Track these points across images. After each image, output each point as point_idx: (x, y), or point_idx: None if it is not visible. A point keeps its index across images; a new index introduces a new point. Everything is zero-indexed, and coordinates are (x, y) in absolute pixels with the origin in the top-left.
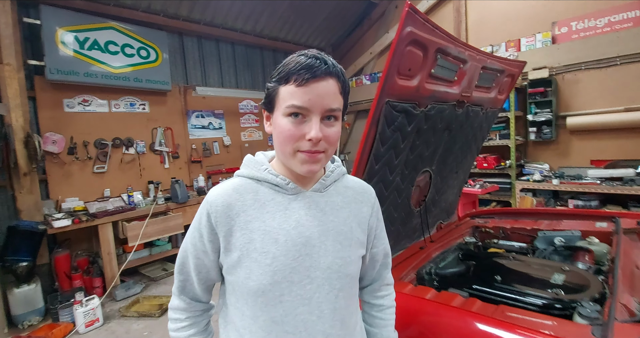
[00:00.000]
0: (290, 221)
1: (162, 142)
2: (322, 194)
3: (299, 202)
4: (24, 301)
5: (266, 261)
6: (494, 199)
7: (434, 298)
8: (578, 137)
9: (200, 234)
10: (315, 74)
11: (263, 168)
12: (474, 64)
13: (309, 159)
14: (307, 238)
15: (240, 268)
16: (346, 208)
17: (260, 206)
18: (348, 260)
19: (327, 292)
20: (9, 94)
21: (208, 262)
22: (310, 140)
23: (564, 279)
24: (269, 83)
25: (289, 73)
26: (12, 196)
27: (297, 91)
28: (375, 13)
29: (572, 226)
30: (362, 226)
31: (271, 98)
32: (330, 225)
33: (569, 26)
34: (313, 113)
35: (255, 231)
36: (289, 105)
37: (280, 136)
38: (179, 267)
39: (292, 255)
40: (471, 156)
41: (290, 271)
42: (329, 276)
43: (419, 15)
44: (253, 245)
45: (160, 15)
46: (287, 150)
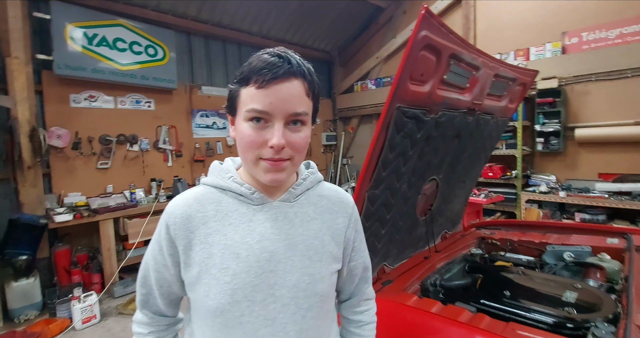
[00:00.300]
0: (254, 234)
1: (166, 140)
2: (292, 204)
3: (265, 213)
4: (21, 295)
5: (225, 278)
6: (498, 209)
7: (440, 312)
8: (586, 149)
9: (160, 246)
10: (277, 74)
11: (228, 175)
12: (486, 71)
13: (272, 168)
14: (271, 253)
15: (199, 285)
16: (318, 219)
17: (222, 217)
18: (317, 277)
19: (293, 312)
20: (16, 87)
21: (169, 276)
22: (272, 147)
23: (576, 297)
24: (230, 84)
25: (250, 73)
26: (15, 189)
27: (257, 94)
28: (382, 18)
29: (582, 241)
30: (336, 239)
31: (232, 101)
32: (298, 239)
33: (580, 37)
34: (275, 118)
35: (215, 245)
36: (249, 109)
37: (242, 143)
38: (141, 280)
39: (255, 271)
40: (479, 165)
41: (251, 290)
42: (295, 295)
43: (434, 19)
44: (212, 261)
45: (169, 14)
46: (248, 158)
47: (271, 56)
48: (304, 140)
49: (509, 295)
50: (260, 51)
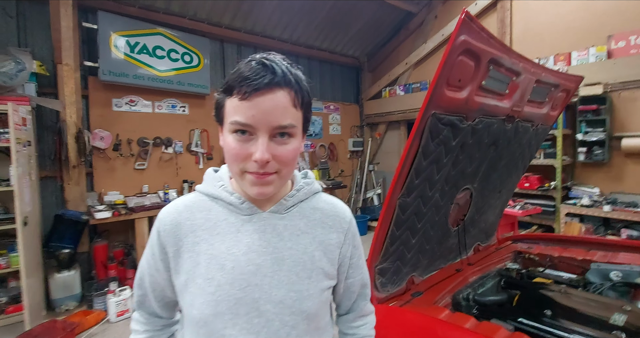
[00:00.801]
0: (240, 245)
1: (198, 143)
2: (282, 216)
3: (254, 224)
4: (63, 286)
5: (209, 289)
6: (535, 222)
7: (474, 329)
8: (634, 160)
9: (152, 251)
10: (259, 86)
11: (219, 184)
12: (527, 76)
13: (257, 182)
14: (257, 267)
15: (186, 293)
16: (309, 233)
17: (211, 226)
18: (305, 295)
19: (278, 329)
20: (66, 92)
21: (162, 280)
22: (256, 161)
23: (625, 320)
24: (216, 93)
25: (233, 83)
26: (60, 187)
27: (240, 106)
28: (412, 23)
29: (631, 260)
30: (329, 255)
31: (219, 110)
32: (286, 253)
33: (627, 40)
34: (259, 131)
35: (201, 254)
36: (233, 121)
37: (227, 155)
38: (137, 282)
39: (239, 284)
40: (517, 175)
41: (235, 302)
42: (280, 311)
43: (474, 23)
44: (198, 270)
45: (205, 22)
46: (234, 170)
47: (256, 64)
48: (291, 153)
49: (549, 314)
50: (249, 57)
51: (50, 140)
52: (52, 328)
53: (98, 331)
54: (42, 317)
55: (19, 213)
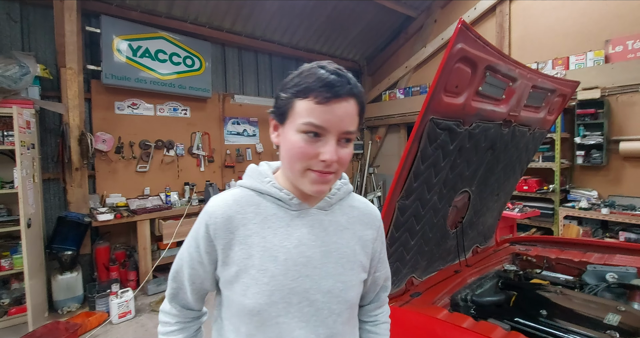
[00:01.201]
0: (291, 239)
1: (199, 146)
2: (327, 212)
3: (302, 219)
4: (65, 288)
5: (264, 279)
6: (533, 225)
7: (472, 328)
8: (632, 164)
9: (197, 244)
10: (338, 93)
11: (267, 180)
12: (524, 82)
13: (319, 180)
14: (308, 258)
15: (237, 284)
16: (350, 229)
17: (261, 220)
18: (349, 285)
19: (326, 316)
20: (69, 95)
21: (203, 273)
22: (324, 161)
23: (619, 320)
24: (282, 92)
25: (309, 88)
26: (63, 189)
27: (316, 109)
28: (412, 27)
29: (627, 262)
30: (365, 249)
31: (284, 110)
32: (332, 246)
33: (625, 45)
34: (330, 134)
35: (254, 246)
36: (306, 122)
37: (291, 152)
38: (173, 275)
39: (292, 275)
40: (514, 178)
41: (288, 292)
42: (329, 300)
43: (471, 32)
44: (251, 261)
45: (206, 26)
46: (296, 168)
47: (330, 74)
48: (349, 156)
49: (545, 314)
50: (312, 64)
51: (53, 143)
52: (54, 330)
53: (100, 332)
54: (44, 319)
55: (22, 215)
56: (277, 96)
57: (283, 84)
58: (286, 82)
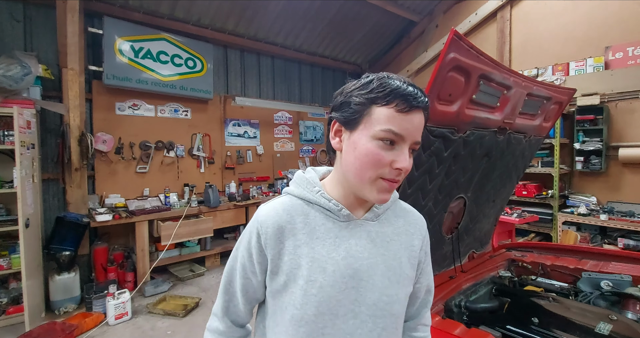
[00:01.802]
0: (339, 250)
1: (200, 147)
2: (374, 223)
3: (350, 230)
4: (62, 288)
5: (312, 290)
6: (532, 230)
7: (462, 335)
8: (631, 170)
9: (249, 254)
10: (418, 104)
11: (315, 189)
12: (518, 90)
13: (388, 188)
14: (355, 270)
15: (285, 294)
16: (397, 240)
17: (310, 230)
18: (395, 298)
19: (370, 330)
20: (70, 96)
21: (256, 283)
22: (399, 169)
23: (610, 329)
24: (355, 97)
25: (393, 95)
26: (62, 189)
27: (397, 117)
28: (414, 32)
29: (622, 270)
30: (412, 260)
31: (358, 115)
32: (379, 258)
33: (625, 51)
34: (405, 143)
35: (303, 257)
36: (386, 129)
37: (365, 159)
38: (225, 286)
39: (339, 286)
40: (510, 184)
41: (335, 304)
42: (374, 313)
43: (463, 41)
44: (300, 272)
45: (209, 28)
46: (367, 175)
47: (407, 85)
48: (411, 166)
49: (537, 322)
50: (379, 74)
51: (53, 143)
52: (51, 330)
53: (97, 333)
54: (41, 319)
55: (21, 214)
56: (344, 101)
57: (351, 89)
58: (354, 88)
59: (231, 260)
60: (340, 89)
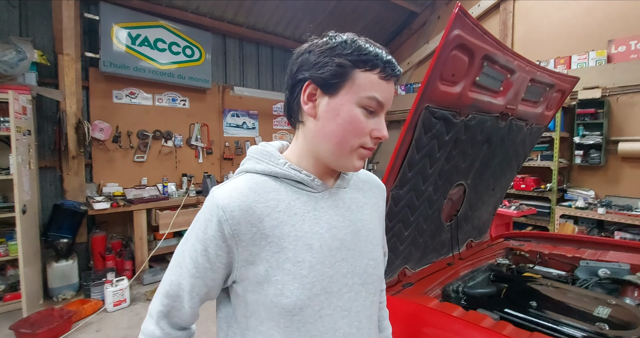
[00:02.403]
0: (321, 223)
1: (198, 137)
2: (346, 190)
3: (327, 201)
4: (61, 275)
5: (302, 272)
6: (530, 223)
7: (461, 316)
8: (630, 164)
9: (204, 247)
10: (397, 73)
11: (281, 162)
12: (522, 75)
13: (366, 155)
14: (341, 241)
15: (268, 284)
16: (368, 204)
17: (286, 207)
18: (379, 261)
19: (364, 299)
20: (66, 82)
21: (211, 281)
22: (379, 138)
23: (609, 313)
24: (335, 57)
25: (376, 61)
26: (60, 177)
27: (381, 84)
28: (415, 23)
29: (620, 259)
30: (381, 221)
31: (340, 79)
32: (359, 225)
33: (628, 45)
34: (382, 112)
35: (285, 237)
36: (371, 96)
37: (348, 127)
38: (167, 288)
39: (329, 261)
40: (510, 173)
41: (328, 281)
42: (364, 280)
43: (468, 18)
44: (284, 255)
45: (207, 17)
46: (349, 144)
47: (384, 52)
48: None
49: (535, 305)
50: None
51: (50, 130)
52: (49, 316)
53: (95, 320)
54: (39, 306)
55: (17, 201)
56: (318, 61)
57: (324, 48)
58: (328, 47)
59: (176, 257)
60: (307, 47)
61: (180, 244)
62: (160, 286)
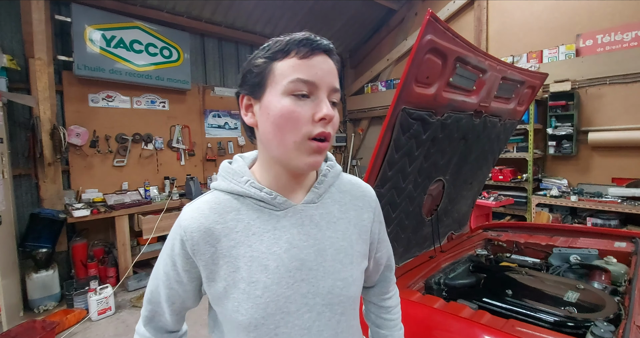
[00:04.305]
0: (280, 243)
1: (179, 139)
2: (316, 205)
3: (290, 219)
4: (41, 286)
5: (256, 292)
6: (508, 213)
7: (442, 308)
8: (600, 153)
9: (173, 262)
10: (319, 46)
11: (243, 179)
12: (493, 74)
13: (317, 148)
14: (302, 261)
15: (227, 300)
16: (344, 218)
17: (244, 227)
18: (350, 281)
19: (329, 319)
20: (39, 87)
21: (183, 292)
22: (323, 119)
23: (578, 297)
24: (254, 61)
25: (290, 45)
26: (35, 185)
27: (301, 64)
28: (393, 20)
29: (590, 245)
30: (363, 236)
31: (261, 77)
32: (327, 243)
33: (595, 39)
34: (320, 90)
35: (240, 258)
36: (293, 79)
37: (281, 121)
38: (148, 295)
39: (286, 282)
40: (487, 167)
41: (285, 301)
42: (330, 301)
43: (439, 23)
44: (239, 274)
45: (184, 16)
46: (290, 139)
47: (304, 33)
48: (338, 121)
49: (511, 294)
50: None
51: (23, 137)
52: (31, 329)
53: (79, 330)
54: (20, 318)
55: None
56: (246, 70)
57: (250, 58)
58: (254, 55)
59: (155, 267)
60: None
61: (160, 255)
62: (145, 293)
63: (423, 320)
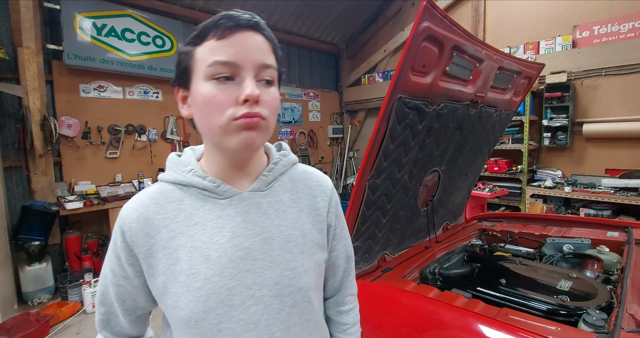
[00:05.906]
0: (224, 232)
1: (173, 131)
2: (264, 193)
3: (235, 207)
4: (34, 279)
5: (196, 284)
6: (503, 204)
7: (436, 297)
8: (594, 145)
9: (117, 257)
10: (239, 24)
11: (187, 169)
12: (490, 63)
13: (246, 125)
14: (246, 251)
15: (166, 296)
16: (295, 207)
17: (186, 217)
18: (300, 271)
19: (278, 312)
20: (28, 77)
21: (132, 289)
22: (247, 100)
23: (570, 286)
24: (179, 50)
25: (205, 28)
26: (27, 177)
27: (219, 45)
28: (390, 10)
29: (583, 234)
30: (318, 225)
31: (185, 67)
32: (275, 231)
33: (591, 30)
34: (244, 70)
35: (180, 249)
36: (212, 62)
37: (205, 108)
38: (100, 297)
39: (229, 272)
40: (482, 158)
41: (228, 293)
42: (278, 293)
43: (437, 10)
44: (179, 267)
45: (177, 4)
46: (216, 123)
47: (225, 12)
48: (276, 100)
49: (504, 283)
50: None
51: (13, 128)
52: (25, 321)
53: (74, 322)
54: (14, 311)
55: None
56: (176, 62)
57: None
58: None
59: (103, 267)
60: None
61: (106, 255)
62: (96, 297)
63: (418, 309)
